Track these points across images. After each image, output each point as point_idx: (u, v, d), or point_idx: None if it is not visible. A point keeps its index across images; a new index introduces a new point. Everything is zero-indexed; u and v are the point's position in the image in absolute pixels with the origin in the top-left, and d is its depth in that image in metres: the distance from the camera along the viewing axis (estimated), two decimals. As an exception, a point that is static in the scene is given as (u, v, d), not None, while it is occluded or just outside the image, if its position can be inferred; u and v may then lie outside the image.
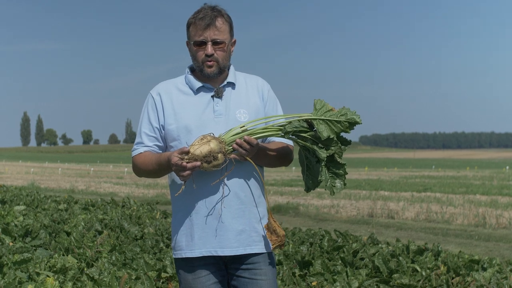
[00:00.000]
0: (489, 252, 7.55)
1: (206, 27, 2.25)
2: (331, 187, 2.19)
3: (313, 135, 2.18)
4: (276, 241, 2.23)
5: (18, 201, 10.97)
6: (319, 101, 2.19)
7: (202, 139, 2.09)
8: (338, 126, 2.14)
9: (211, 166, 2.08)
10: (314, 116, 2.16)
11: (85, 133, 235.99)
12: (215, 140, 2.09)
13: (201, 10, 2.28)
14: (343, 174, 2.19)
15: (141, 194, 17.41)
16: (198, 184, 2.22)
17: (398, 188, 20.44)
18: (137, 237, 6.64)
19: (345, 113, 2.15)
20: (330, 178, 2.19)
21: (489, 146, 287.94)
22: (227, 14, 2.32)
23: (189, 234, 2.28)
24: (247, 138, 2.13)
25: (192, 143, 2.10)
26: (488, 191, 18.54)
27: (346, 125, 2.15)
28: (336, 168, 2.19)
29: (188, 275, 2.30)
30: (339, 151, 2.17)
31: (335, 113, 2.16)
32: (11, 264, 4.42)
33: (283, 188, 20.61)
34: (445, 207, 12.99)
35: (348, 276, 4.53)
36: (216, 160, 2.07)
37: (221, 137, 2.14)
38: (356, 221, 11.04)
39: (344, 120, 2.14)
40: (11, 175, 31.80)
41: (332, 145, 2.16)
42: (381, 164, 67.80)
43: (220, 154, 2.08)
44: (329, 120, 2.14)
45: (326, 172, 2.18)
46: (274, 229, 2.24)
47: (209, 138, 2.09)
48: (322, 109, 2.17)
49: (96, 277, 4.10)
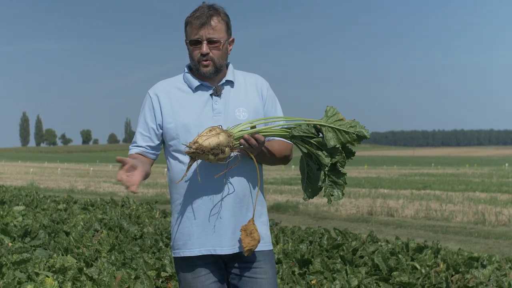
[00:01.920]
0: (489, 250, 7.56)
1: (201, 26, 2.24)
2: (329, 196, 2.19)
3: (319, 141, 2.17)
4: (249, 244, 2.19)
5: (17, 201, 10.97)
6: (331, 108, 2.18)
7: (211, 130, 2.05)
8: (346, 137, 2.14)
9: (216, 158, 2.05)
10: (324, 122, 2.15)
11: (84, 133, 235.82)
12: (224, 133, 2.06)
13: (198, 9, 2.28)
14: (342, 184, 2.19)
15: (141, 194, 17.40)
16: (197, 183, 2.22)
17: (398, 186, 20.44)
18: (136, 236, 6.63)
19: (355, 125, 2.15)
20: (329, 186, 2.19)
21: (488, 143, 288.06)
22: (224, 13, 2.30)
23: (188, 233, 2.27)
24: (255, 134, 2.12)
25: (200, 133, 2.07)
26: (487, 189, 18.56)
27: (354, 137, 2.15)
28: (336, 177, 2.19)
29: (188, 274, 2.29)
30: (342, 161, 2.17)
31: (345, 124, 2.15)
32: (10, 265, 4.42)
33: (283, 186, 20.61)
34: (444, 205, 12.99)
35: (348, 274, 4.53)
36: (223, 154, 2.05)
37: (229, 130, 2.11)
38: (356, 219, 11.04)
39: (353, 132, 2.14)
40: (10, 175, 31.78)
41: (336, 153, 2.16)
42: (380, 162, 67.84)
43: (227, 148, 2.06)
44: (338, 129, 2.14)
45: (327, 179, 2.19)
46: (251, 232, 2.20)
47: (219, 130, 2.06)
48: (333, 117, 2.16)
49: (95, 277, 4.10)
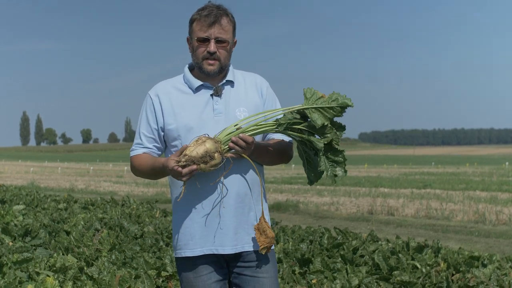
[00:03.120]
0: (489, 249, 7.55)
1: (211, 25, 2.24)
2: (332, 176, 2.18)
3: (308, 125, 2.18)
4: (264, 242, 2.21)
5: (18, 201, 10.96)
6: (309, 89, 2.17)
7: (197, 140, 2.09)
8: (331, 112, 2.13)
9: (208, 166, 2.08)
10: (305, 105, 2.15)
11: (84, 132, 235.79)
12: (210, 140, 2.09)
13: (206, 7, 2.27)
14: (342, 161, 2.19)
15: (141, 193, 17.40)
16: (198, 183, 2.21)
17: (398, 185, 20.44)
18: (136, 236, 6.63)
19: (336, 98, 2.14)
20: (330, 166, 2.18)
21: (489, 142, 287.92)
22: (232, 14, 2.32)
23: (190, 233, 2.27)
24: (242, 135, 2.13)
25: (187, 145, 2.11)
26: (488, 187, 18.55)
27: (338, 109, 2.13)
28: (335, 156, 2.18)
29: (190, 273, 2.29)
30: (335, 138, 2.16)
31: (326, 100, 2.14)
32: (11, 264, 4.42)
33: (283, 185, 20.62)
34: (445, 204, 12.98)
35: (348, 273, 4.53)
36: (213, 160, 2.07)
37: (216, 137, 2.14)
38: (356, 218, 11.04)
39: (336, 105, 2.13)
40: (10, 175, 31.79)
41: (327, 132, 2.15)
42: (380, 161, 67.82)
43: (217, 154, 2.08)
44: (321, 108, 2.13)
45: (326, 161, 2.18)
46: (264, 230, 2.22)
47: (204, 138, 2.09)
48: (312, 97, 2.16)
49: (96, 276, 4.10)
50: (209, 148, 2.06)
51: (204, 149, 2.05)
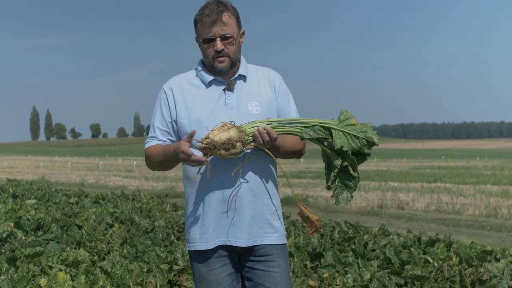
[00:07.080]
0: (502, 243, 7.50)
1: (213, 24, 2.23)
2: (337, 197, 2.19)
3: (331, 142, 2.18)
4: (311, 227, 2.28)
5: (30, 195, 11.05)
6: (345, 112, 2.18)
7: (223, 126, 2.08)
8: (356, 142, 2.13)
9: (228, 153, 2.07)
10: (335, 126, 2.16)
11: (93, 127, 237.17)
12: (235, 128, 2.08)
13: (206, 6, 2.26)
14: (352, 187, 2.19)
15: (151, 187, 17.47)
16: (211, 176, 2.21)
17: (408, 179, 20.36)
18: (147, 230, 6.66)
19: (365, 130, 2.14)
20: (339, 187, 2.18)
21: (499, 135, 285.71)
22: (233, 7, 2.30)
23: (202, 226, 2.28)
24: (269, 129, 2.12)
25: (212, 129, 2.09)
26: (499, 181, 18.43)
27: (364, 142, 2.14)
28: (347, 180, 2.19)
29: (202, 267, 2.30)
30: (353, 164, 2.16)
31: (356, 128, 2.15)
32: (24, 258, 4.45)
33: (292, 180, 20.60)
34: (455, 198, 12.92)
35: (360, 267, 4.51)
36: (234, 149, 2.06)
37: (242, 126, 2.13)
38: (366, 213, 11.01)
39: (363, 137, 2.13)
40: (21, 170, 32.05)
41: (345, 156, 2.15)
42: (390, 155, 67.54)
43: (239, 143, 2.07)
44: (348, 133, 2.14)
45: (337, 180, 2.18)
46: (306, 216, 2.28)
47: (230, 126, 2.09)
48: (345, 121, 2.16)
49: (109, 270, 4.12)
50: (233, 136, 2.06)
51: (228, 136, 2.05)
